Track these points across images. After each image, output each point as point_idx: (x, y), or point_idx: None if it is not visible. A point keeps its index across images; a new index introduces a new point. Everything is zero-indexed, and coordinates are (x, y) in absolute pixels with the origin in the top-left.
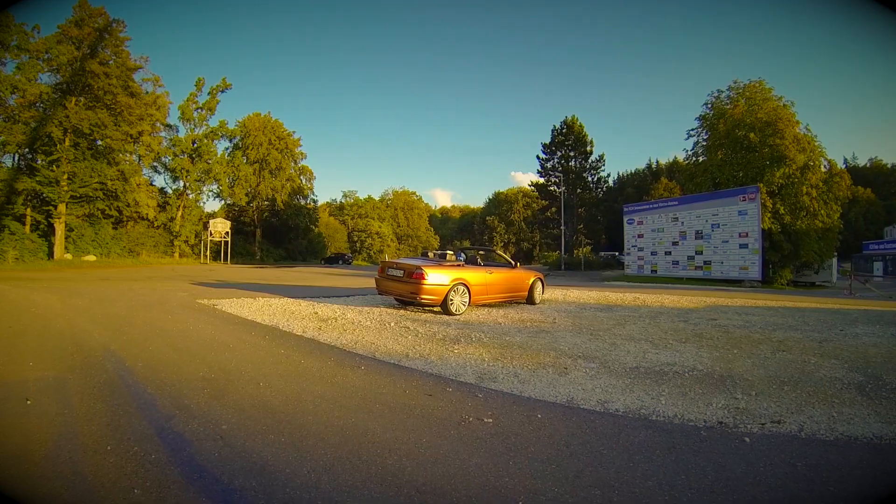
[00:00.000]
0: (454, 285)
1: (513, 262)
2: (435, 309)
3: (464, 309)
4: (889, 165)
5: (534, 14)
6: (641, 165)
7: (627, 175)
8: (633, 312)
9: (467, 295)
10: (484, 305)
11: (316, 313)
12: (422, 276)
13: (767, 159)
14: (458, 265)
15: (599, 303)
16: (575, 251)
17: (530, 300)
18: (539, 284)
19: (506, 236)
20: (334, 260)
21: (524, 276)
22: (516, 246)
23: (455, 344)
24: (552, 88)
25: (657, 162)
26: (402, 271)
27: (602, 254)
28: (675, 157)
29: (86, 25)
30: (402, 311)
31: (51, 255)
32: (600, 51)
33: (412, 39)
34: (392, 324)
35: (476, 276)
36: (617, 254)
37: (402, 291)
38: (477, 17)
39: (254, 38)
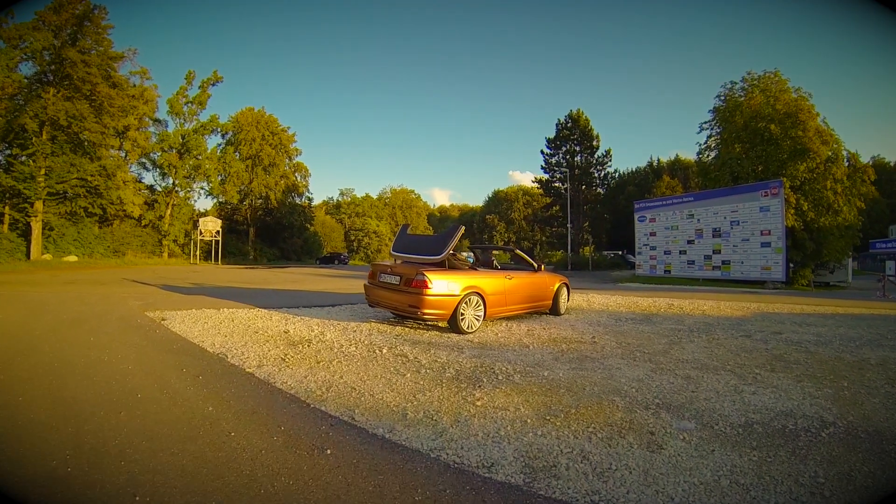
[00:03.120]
0: (466, 295)
1: (535, 264)
2: (441, 323)
3: (478, 325)
4: (892, 164)
5: (531, 12)
6: (642, 164)
7: (628, 173)
8: (679, 324)
9: (482, 307)
10: (501, 318)
11: (286, 332)
12: (424, 285)
13: (789, 152)
14: (471, 270)
15: (633, 311)
16: (581, 250)
17: (555, 310)
18: (565, 291)
19: (506, 235)
20: (330, 260)
21: (548, 282)
22: (517, 245)
23: (475, 387)
24: (550, 87)
25: (658, 160)
26: (398, 277)
27: (605, 252)
28: (678, 155)
29: (64, 11)
30: (398, 329)
31: (29, 255)
32: (599, 50)
33: (410, 36)
34: (384, 350)
35: (493, 283)
36: (622, 252)
37: (399, 304)
38: (475, 14)
39: (248, 32)
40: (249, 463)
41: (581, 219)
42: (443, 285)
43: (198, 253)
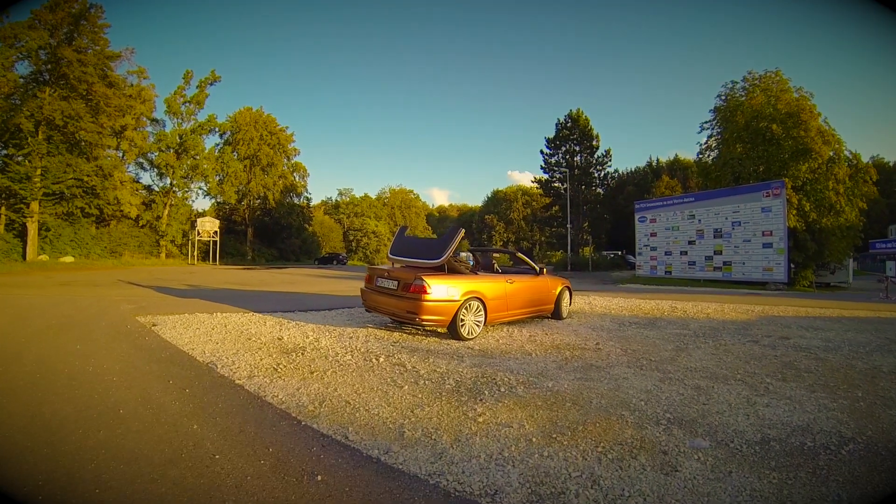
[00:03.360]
0: (466, 301)
1: (537, 268)
2: (440, 329)
3: (478, 331)
4: (891, 163)
5: (530, 12)
6: (641, 164)
7: (627, 173)
8: (684, 329)
9: (482, 312)
10: (502, 323)
11: (280, 339)
12: (422, 290)
13: (790, 153)
14: (471, 275)
15: (636, 314)
16: (580, 250)
17: (557, 314)
18: (567, 294)
19: (505, 235)
20: (328, 260)
21: (550, 285)
22: (516, 245)
23: (476, 401)
24: (548, 86)
25: (657, 160)
26: (395, 282)
27: (604, 252)
28: (677, 155)
29: (60, 10)
30: (395, 335)
31: (25, 256)
32: (598, 49)
33: (409, 35)
34: (381, 359)
35: (494, 288)
36: (621, 252)
37: (397, 310)
38: (473, 14)
39: (246, 31)
40: (233, 491)
41: (581, 219)
42: (442, 290)
43: (195, 253)
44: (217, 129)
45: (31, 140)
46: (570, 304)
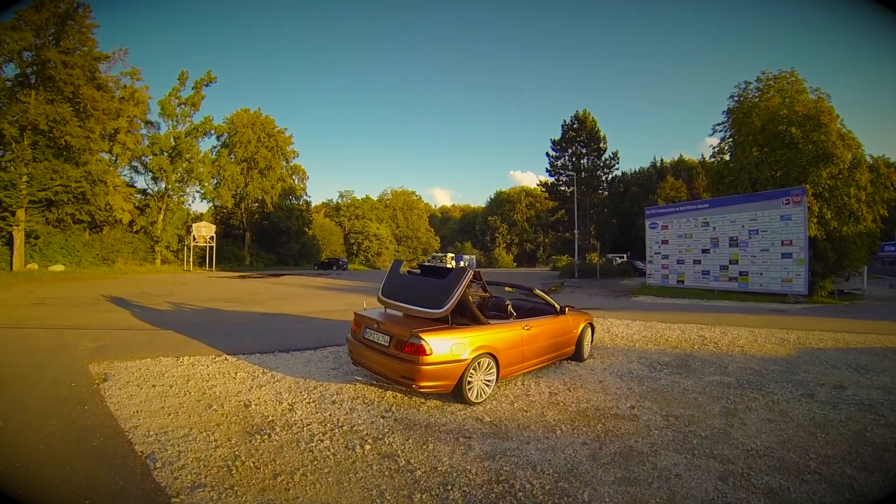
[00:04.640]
0: (476, 359)
1: (557, 306)
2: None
3: (488, 392)
4: None
5: (531, 11)
6: (644, 164)
7: (632, 173)
8: (724, 374)
9: (494, 370)
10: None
11: (246, 406)
12: (420, 351)
13: (810, 157)
14: (481, 325)
15: (663, 349)
16: (588, 256)
17: (577, 356)
18: (589, 332)
19: (508, 237)
20: (328, 265)
21: (572, 325)
22: (519, 247)
23: None
24: (549, 86)
25: (661, 160)
26: (387, 337)
27: (609, 255)
28: (682, 155)
29: (45, 10)
30: (388, 397)
31: (13, 265)
32: (600, 48)
33: (410, 34)
34: (367, 445)
35: (508, 339)
36: (627, 255)
37: (389, 372)
38: (475, 13)
39: (243, 31)
40: None
41: (587, 223)
42: (445, 348)
43: (191, 259)
44: (213, 132)
45: (15, 146)
46: (591, 341)
